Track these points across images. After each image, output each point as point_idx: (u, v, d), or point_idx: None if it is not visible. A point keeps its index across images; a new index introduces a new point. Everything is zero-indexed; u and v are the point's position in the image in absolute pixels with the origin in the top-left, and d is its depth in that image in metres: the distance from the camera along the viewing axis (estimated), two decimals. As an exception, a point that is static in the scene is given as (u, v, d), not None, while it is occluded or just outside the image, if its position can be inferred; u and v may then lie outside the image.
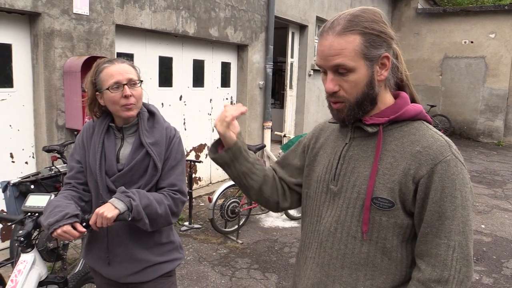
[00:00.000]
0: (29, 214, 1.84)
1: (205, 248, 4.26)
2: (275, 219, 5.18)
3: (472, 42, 11.51)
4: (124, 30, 4.76)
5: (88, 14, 4.19)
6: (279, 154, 5.54)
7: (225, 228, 4.60)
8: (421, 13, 12.16)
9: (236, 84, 6.95)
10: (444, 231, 1.07)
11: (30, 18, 3.89)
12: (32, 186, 3.02)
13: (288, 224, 5.05)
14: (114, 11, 4.46)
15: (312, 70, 8.62)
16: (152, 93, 5.21)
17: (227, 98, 6.78)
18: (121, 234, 1.76)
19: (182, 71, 5.79)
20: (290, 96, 8.52)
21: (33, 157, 4.06)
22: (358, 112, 1.15)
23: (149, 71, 5.23)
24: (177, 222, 4.76)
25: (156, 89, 5.40)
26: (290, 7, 7.64)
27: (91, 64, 1.81)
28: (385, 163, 1.13)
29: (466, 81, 11.73)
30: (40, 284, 1.86)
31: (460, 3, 16.93)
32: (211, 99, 6.43)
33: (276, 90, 11.00)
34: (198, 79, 6.13)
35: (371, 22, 1.09)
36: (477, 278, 3.83)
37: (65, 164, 3.46)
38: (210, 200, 4.42)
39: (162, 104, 5.48)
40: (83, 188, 1.80)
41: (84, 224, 1.63)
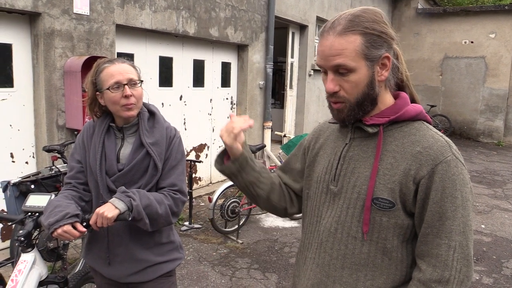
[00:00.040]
0: (30, 214, 1.84)
1: (205, 248, 4.26)
2: (275, 219, 5.18)
3: (472, 42, 11.51)
4: (125, 30, 4.76)
5: (89, 14, 4.19)
6: (279, 154, 5.54)
7: (225, 228, 4.60)
8: (421, 13, 12.16)
9: (236, 84, 6.95)
10: (445, 232, 1.07)
11: (31, 18, 3.89)
12: (33, 186, 3.02)
13: (288, 224, 5.06)
14: (115, 11, 4.46)
15: (312, 70, 8.62)
16: (152, 93, 5.21)
17: (227, 98, 6.78)
18: (122, 234, 1.76)
19: (182, 71, 5.79)
20: (290, 96, 8.52)
21: (34, 157, 4.06)
22: (359, 113, 1.15)
23: (149, 71, 5.23)
24: (177, 222, 4.76)
25: (156, 89, 5.40)
26: (290, 7, 7.64)
27: (92, 64, 1.81)
28: (386, 164, 1.13)
29: (466, 81, 11.72)
30: (41, 284, 1.87)
31: (460, 3, 16.92)
32: (211, 99, 6.43)
33: (276, 90, 10.99)
34: (198, 79, 6.13)
35: (372, 22, 1.09)
36: (477, 278, 3.83)
37: (65, 164, 3.46)
38: (210, 200, 4.42)
39: (162, 104, 5.48)
40: (84, 188, 1.80)
41: (85, 224, 1.63)
